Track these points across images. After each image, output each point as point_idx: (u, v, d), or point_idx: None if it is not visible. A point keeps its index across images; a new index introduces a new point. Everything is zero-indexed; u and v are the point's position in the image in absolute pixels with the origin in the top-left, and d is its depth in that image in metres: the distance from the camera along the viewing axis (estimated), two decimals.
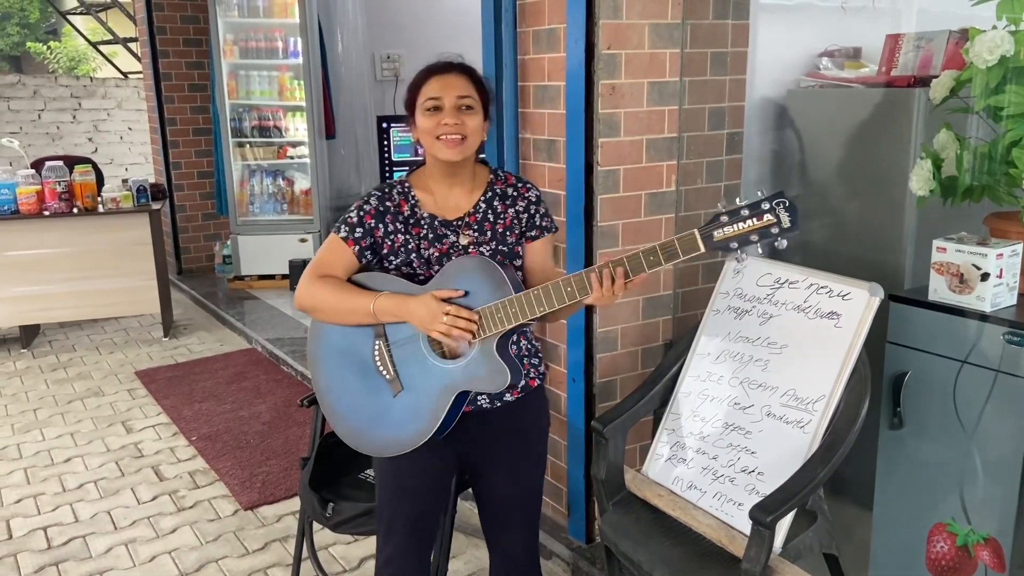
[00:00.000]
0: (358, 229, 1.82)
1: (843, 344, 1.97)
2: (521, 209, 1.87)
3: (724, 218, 1.55)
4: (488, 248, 1.82)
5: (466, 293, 1.73)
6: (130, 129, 10.15)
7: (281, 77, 6.15)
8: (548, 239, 1.91)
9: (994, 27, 1.97)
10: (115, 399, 4.38)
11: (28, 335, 5.28)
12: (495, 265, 1.73)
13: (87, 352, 5.18)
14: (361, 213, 1.82)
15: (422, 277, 1.81)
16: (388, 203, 1.83)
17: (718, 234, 1.55)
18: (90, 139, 9.93)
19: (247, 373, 4.67)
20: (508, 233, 1.85)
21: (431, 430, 1.77)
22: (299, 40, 5.97)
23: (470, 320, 1.70)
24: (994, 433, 2.01)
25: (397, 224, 1.82)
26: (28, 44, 16.02)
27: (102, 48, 11.78)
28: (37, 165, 5.13)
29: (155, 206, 5.14)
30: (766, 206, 1.52)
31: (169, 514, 3.19)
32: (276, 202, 6.35)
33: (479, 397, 1.84)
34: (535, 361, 1.93)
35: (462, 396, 1.78)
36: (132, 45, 10.15)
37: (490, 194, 1.86)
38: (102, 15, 11.16)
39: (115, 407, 4.27)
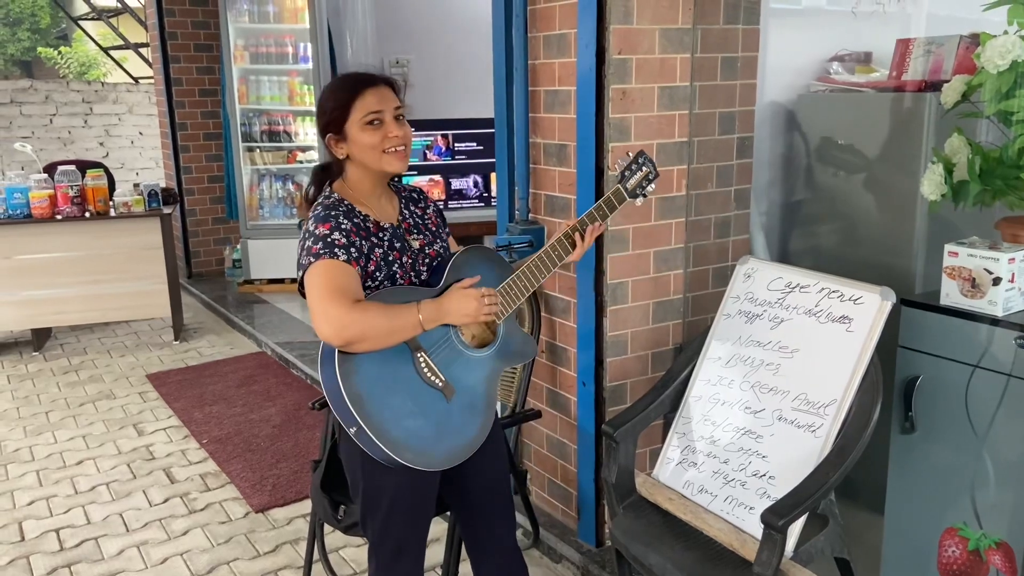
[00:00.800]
0: (352, 249, 1.75)
1: (855, 348, 1.98)
2: (433, 211, 2.01)
3: (626, 173, 2.06)
4: (438, 246, 1.95)
5: (480, 279, 1.87)
6: (141, 134, 10.21)
7: (291, 82, 6.18)
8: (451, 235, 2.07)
9: (1005, 32, 1.97)
10: (126, 402, 4.40)
11: (40, 338, 5.31)
12: (492, 249, 1.89)
13: (98, 355, 5.21)
14: (345, 233, 1.75)
15: (405, 285, 1.85)
16: (355, 219, 1.79)
17: (629, 185, 2.06)
18: (101, 144, 9.99)
19: (257, 376, 4.69)
20: (439, 231, 2.00)
21: (492, 419, 1.87)
22: (309, 45, 6.00)
23: (496, 295, 1.84)
24: (1006, 437, 2.01)
25: (371, 240, 1.80)
26: (39, 49, 16.12)
27: (113, 53, 11.85)
28: (49, 169, 5.17)
29: (166, 210, 5.17)
30: (641, 160, 2.08)
31: (180, 516, 3.21)
32: (286, 206, 6.37)
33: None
34: None
35: None
36: (143, 50, 10.21)
37: (404, 200, 1.97)
38: (113, 20, 11.24)
39: (126, 410, 4.29)
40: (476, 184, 6.37)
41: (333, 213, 1.78)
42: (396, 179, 2.00)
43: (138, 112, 10.17)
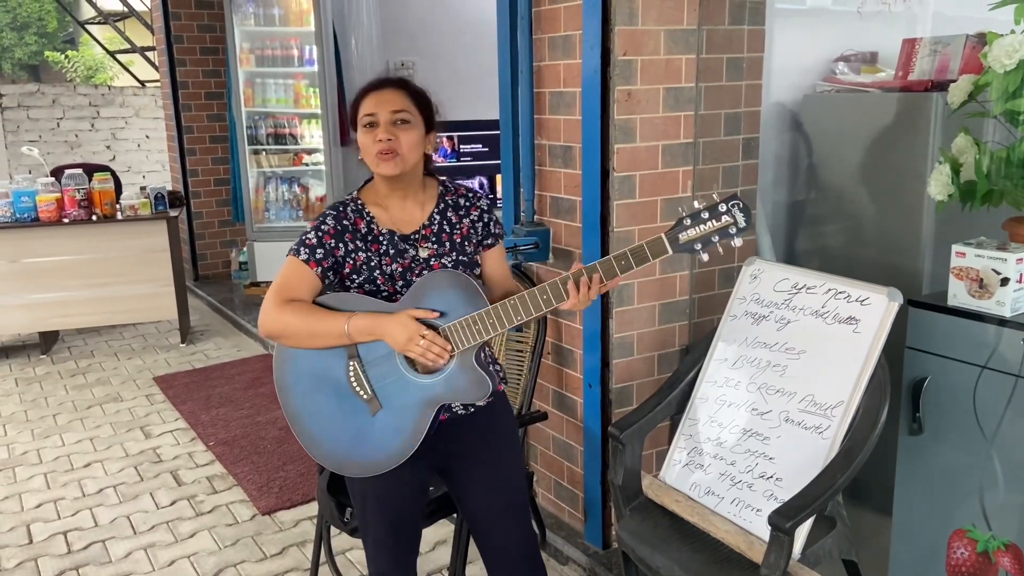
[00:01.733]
0: (319, 250, 1.79)
1: (862, 349, 1.97)
2: (475, 218, 1.90)
3: (687, 221, 1.65)
4: (449, 259, 1.85)
5: (442, 313, 1.75)
6: (147, 137, 10.24)
7: (296, 85, 6.19)
8: (501, 246, 1.96)
9: (1012, 31, 1.96)
10: (133, 404, 4.41)
11: (47, 341, 5.33)
12: (468, 277, 1.76)
13: (106, 358, 5.23)
14: (320, 234, 1.80)
15: (386, 293, 1.83)
16: (345, 221, 1.83)
17: (683, 236, 1.65)
18: (108, 147, 10.03)
19: (264, 379, 4.69)
20: (466, 243, 1.89)
21: (415, 445, 1.79)
22: (314, 48, 6.01)
23: (444, 347, 1.72)
24: (1014, 438, 2.00)
25: (357, 242, 1.82)
26: (46, 53, 16.20)
27: (120, 57, 11.89)
28: (56, 173, 5.19)
29: (173, 213, 5.19)
30: (723, 208, 1.63)
31: (188, 519, 3.21)
32: (292, 209, 6.38)
33: (455, 406, 1.86)
34: (496, 367, 1.95)
35: (440, 408, 1.80)
36: (149, 54, 10.24)
37: (442, 206, 1.90)
38: (120, 24, 11.28)
39: (133, 412, 4.31)
40: (481, 186, 6.37)
41: (326, 213, 1.85)
42: (450, 182, 1.95)
43: (144, 115, 10.21)
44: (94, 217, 4.93)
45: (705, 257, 1.66)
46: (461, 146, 6.36)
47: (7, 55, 15.85)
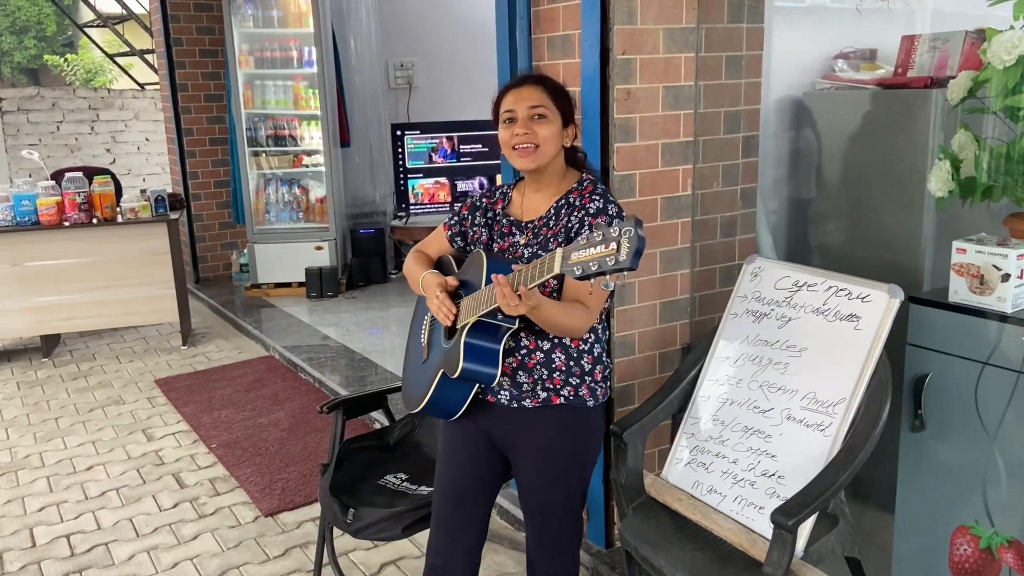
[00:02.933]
0: (454, 218, 2.09)
1: (863, 346, 1.97)
2: (576, 219, 1.86)
3: (582, 240, 1.45)
4: (530, 250, 1.90)
5: (465, 283, 1.90)
6: (147, 140, 10.24)
7: (296, 86, 6.19)
8: None
9: (1011, 27, 1.96)
10: (135, 407, 4.42)
11: (49, 345, 5.33)
12: (484, 259, 1.84)
13: (107, 361, 5.23)
14: (468, 207, 2.08)
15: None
16: (486, 200, 2.06)
17: (574, 256, 1.45)
18: (108, 150, 10.03)
19: (265, 380, 4.70)
20: (553, 240, 1.87)
21: (423, 398, 1.93)
22: (313, 49, 6.01)
23: (449, 309, 1.85)
24: (1016, 434, 2.00)
25: (484, 218, 2.03)
26: (45, 57, 16.21)
27: (119, 60, 11.90)
28: (57, 176, 5.19)
29: (173, 216, 5.19)
30: (614, 232, 1.39)
31: (190, 521, 3.22)
32: (292, 210, 6.39)
33: (500, 392, 1.91)
34: (573, 380, 1.88)
35: (458, 380, 1.84)
36: (149, 57, 10.25)
37: (562, 202, 1.91)
38: (119, 27, 11.28)
39: (135, 415, 4.31)
40: (481, 185, 6.37)
41: (488, 191, 2.09)
42: (590, 179, 1.93)
43: (144, 118, 10.21)
44: (95, 220, 4.93)
45: (592, 282, 1.45)
46: (461, 146, 6.36)
47: (6, 59, 15.86)
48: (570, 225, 1.86)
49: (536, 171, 1.90)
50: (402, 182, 6.31)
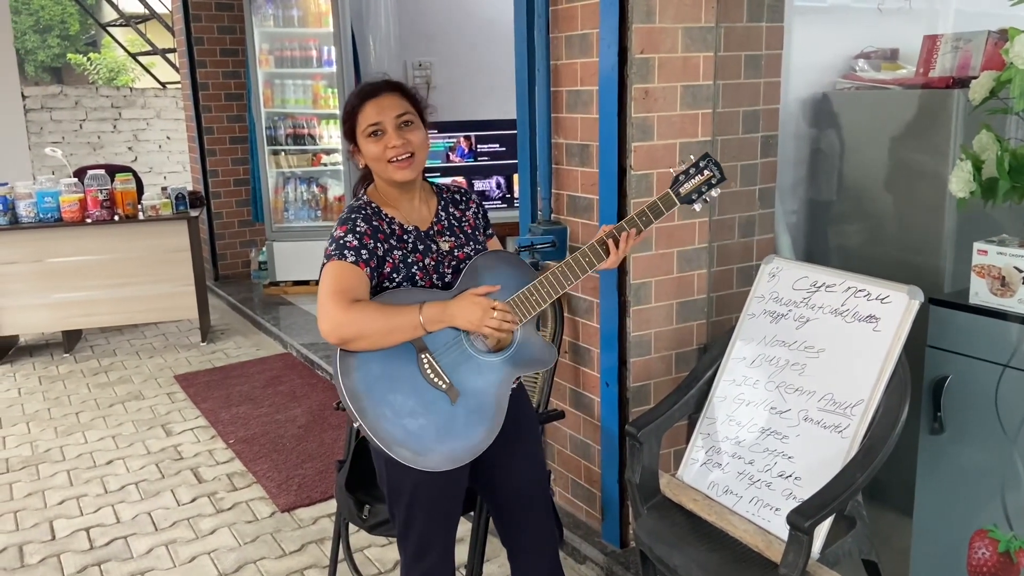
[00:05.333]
0: (363, 251, 1.79)
1: (882, 348, 1.95)
2: (474, 211, 2.02)
3: (681, 178, 1.96)
4: (470, 248, 1.93)
5: (500, 287, 1.86)
6: (168, 138, 10.34)
7: (315, 85, 6.22)
8: (495, 237, 2.08)
9: None
10: (155, 402, 4.46)
11: (71, 340, 5.40)
12: (513, 254, 1.86)
13: (127, 356, 5.28)
14: (357, 235, 1.80)
15: (423, 287, 1.86)
16: (374, 222, 1.84)
17: (683, 190, 1.96)
18: (130, 148, 10.14)
19: (283, 377, 4.73)
20: (476, 232, 1.99)
21: (500, 423, 1.81)
22: (333, 49, 6.04)
23: (514, 318, 1.82)
24: None
25: (391, 241, 1.84)
26: (68, 56, 16.40)
27: (141, 59, 12.01)
28: (79, 174, 5.25)
29: (193, 213, 5.23)
30: (702, 164, 1.97)
31: (208, 515, 3.24)
32: (310, 209, 6.42)
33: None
34: None
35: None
36: (170, 56, 10.34)
37: (443, 202, 1.97)
38: (141, 27, 11.39)
39: (155, 410, 4.35)
40: (499, 185, 6.38)
41: (352, 216, 1.83)
42: (431, 180, 2.02)
43: (165, 117, 10.31)
44: (116, 217, 4.98)
45: (698, 207, 1.98)
46: (478, 146, 6.37)
47: (30, 57, 16.06)
48: (477, 218, 2.01)
49: (413, 182, 1.89)
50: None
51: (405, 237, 1.86)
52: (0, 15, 7.17)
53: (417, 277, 1.84)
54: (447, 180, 5.52)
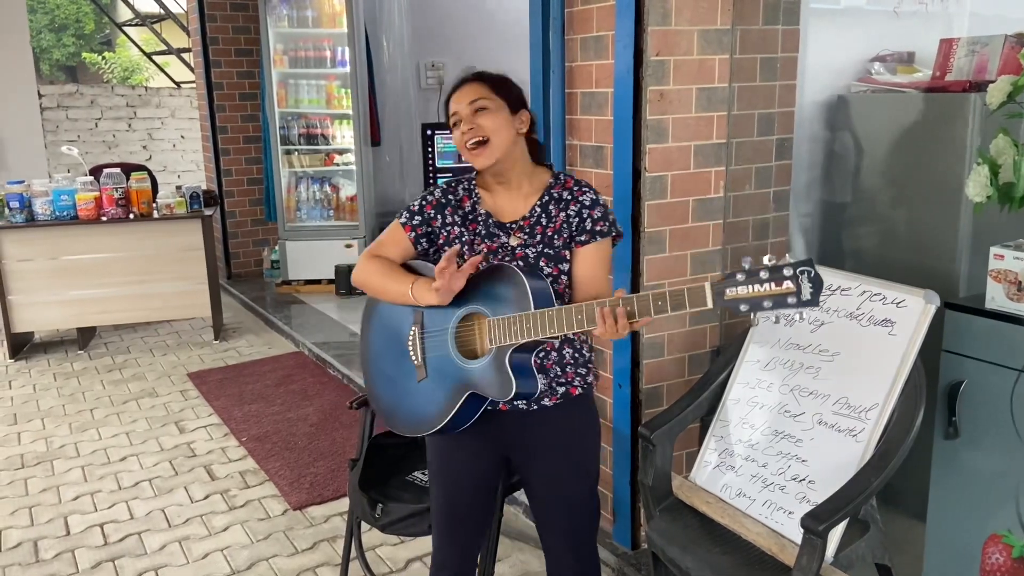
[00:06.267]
0: (417, 217, 1.89)
1: (897, 352, 1.95)
2: (573, 213, 1.83)
3: (740, 276, 1.44)
4: (534, 250, 1.82)
5: (485, 293, 1.75)
6: (183, 137, 10.40)
7: (329, 86, 6.25)
8: (601, 244, 1.83)
9: None
10: (168, 400, 4.49)
11: (85, 337, 5.44)
12: (522, 277, 1.70)
13: (141, 354, 5.32)
14: (423, 203, 1.90)
15: None
16: (451, 196, 1.90)
17: (730, 292, 1.45)
18: (145, 147, 10.20)
19: (295, 376, 4.75)
20: (556, 237, 1.82)
21: (441, 421, 1.81)
22: (347, 49, 6.07)
23: (454, 279, 1.72)
24: None
25: (456, 216, 1.88)
26: (84, 55, 16.50)
27: (156, 58, 12.09)
28: (95, 172, 5.29)
29: (207, 212, 5.26)
30: (788, 272, 1.40)
31: (221, 513, 3.26)
32: (323, 208, 6.45)
33: (517, 399, 1.82)
34: (581, 371, 1.90)
35: (476, 396, 1.78)
36: (185, 55, 10.40)
37: (547, 199, 1.86)
38: (156, 26, 11.46)
39: (168, 408, 4.38)
40: None
41: (440, 184, 1.94)
42: (564, 174, 1.89)
43: (180, 116, 10.37)
44: (131, 216, 5.02)
45: (757, 321, 1.55)
46: None
47: (46, 56, 16.16)
48: (569, 220, 1.82)
49: (496, 167, 1.82)
50: (431, 181, 6.34)
51: (478, 220, 1.87)
52: (17, 14, 7.22)
53: (465, 257, 1.84)
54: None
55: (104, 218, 4.95)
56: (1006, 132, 2.13)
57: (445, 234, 1.88)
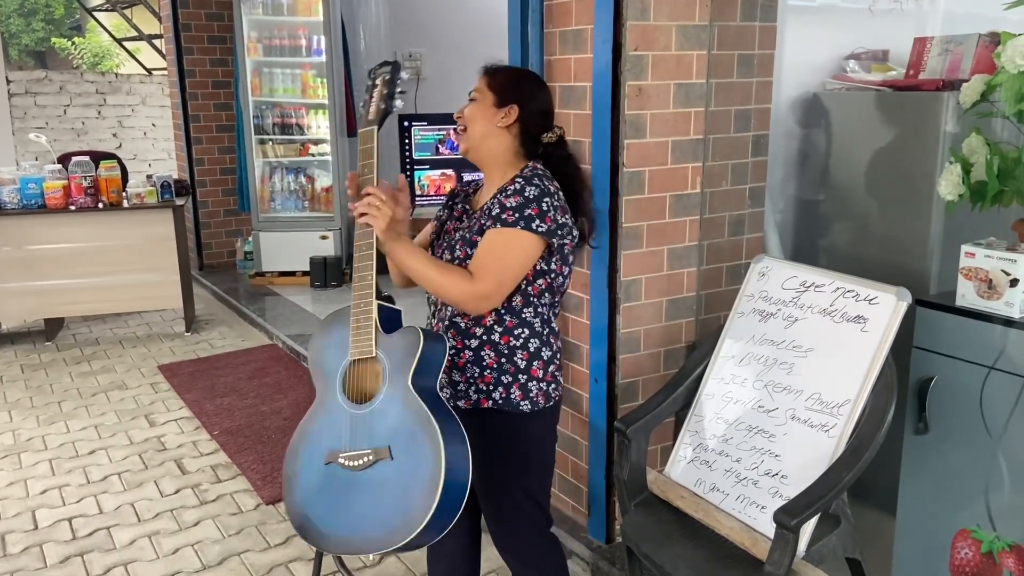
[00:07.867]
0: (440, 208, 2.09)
1: (869, 348, 1.97)
2: (496, 200, 1.85)
3: (364, 100, 1.86)
4: (460, 233, 1.94)
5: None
6: (154, 125, 10.25)
7: (304, 75, 6.18)
8: (501, 232, 1.80)
9: None
10: (138, 392, 4.43)
11: (52, 328, 5.35)
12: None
13: (110, 346, 5.24)
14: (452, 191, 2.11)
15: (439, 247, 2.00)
16: (462, 190, 2.08)
17: (371, 112, 1.84)
18: (115, 135, 10.04)
19: (268, 369, 4.70)
20: (479, 222, 1.88)
21: (440, 434, 1.77)
22: (322, 38, 6.00)
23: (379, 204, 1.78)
24: (1021, 440, 2.00)
25: (447, 209, 2.07)
26: (53, 40, 16.19)
27: (127, 44, 11.89)
28: (63, 160, 5.20)
29: (178, 202, 5.19)
30: (376, 73, 1.87)
31: (192, 507, 3.23)
32: (297, 199, 6.39)
33: (442, 390, 1.86)
34: (504, 380, 1.87)
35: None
36: (157, 42, 10.24)
37: (503, 192, 1.91)
38: (127, 12, 11.27)
39: (138, 400, 4.32)
40: None
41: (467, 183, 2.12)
42: (532, 169, 1.89)
43: (151, 103, 10.21)
44: (100, 205, 4.93)
45: (398, 103, 1.84)
46: None
47: (14, 41, 15.83)
48: (492, 206, 1.85)
49: (474, 156, 1.92)
50: (408, 173, 6.30)
51: (456, 207, 2.02)
52: None
53: (443, 238, 2.00)
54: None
55: (73, 207, 4.87)
56: (979, 131, 2.15)
57: (448, 223, 2.05)
